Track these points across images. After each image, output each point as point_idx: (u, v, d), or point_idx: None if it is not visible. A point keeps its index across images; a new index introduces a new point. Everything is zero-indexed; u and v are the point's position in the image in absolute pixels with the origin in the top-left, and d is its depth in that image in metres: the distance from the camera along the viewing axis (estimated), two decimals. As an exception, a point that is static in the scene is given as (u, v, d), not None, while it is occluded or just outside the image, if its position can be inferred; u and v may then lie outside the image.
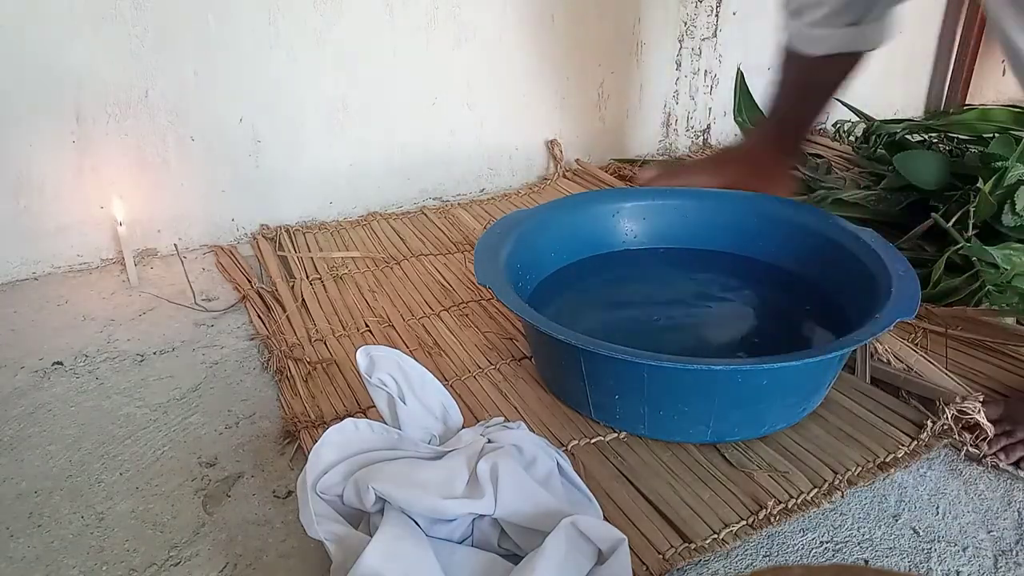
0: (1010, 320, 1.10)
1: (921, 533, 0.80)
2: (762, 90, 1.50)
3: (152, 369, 1.06)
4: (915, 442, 0.89)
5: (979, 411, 0.88)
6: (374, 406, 0.82)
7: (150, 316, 1.18)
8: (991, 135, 1.51)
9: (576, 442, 0.90)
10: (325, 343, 1.10)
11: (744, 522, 0.79)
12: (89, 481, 0.86)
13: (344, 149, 1.46)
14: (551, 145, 1.67)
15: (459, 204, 1.55)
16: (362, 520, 0.74)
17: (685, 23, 1.73)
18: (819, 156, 1.69)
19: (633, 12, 1.66)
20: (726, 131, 1.90)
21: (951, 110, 1.84)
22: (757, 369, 0.82)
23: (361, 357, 0.79)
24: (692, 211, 1.18)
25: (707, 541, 0.77)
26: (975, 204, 1.24)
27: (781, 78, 1.15)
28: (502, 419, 0.85)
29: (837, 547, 0.78)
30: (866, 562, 0.77)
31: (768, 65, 1.84)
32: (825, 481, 0.84)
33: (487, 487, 0.70)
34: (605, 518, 0.77)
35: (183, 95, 1.29)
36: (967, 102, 2.10)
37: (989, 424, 0.88)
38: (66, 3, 1.16)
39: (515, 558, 0.71)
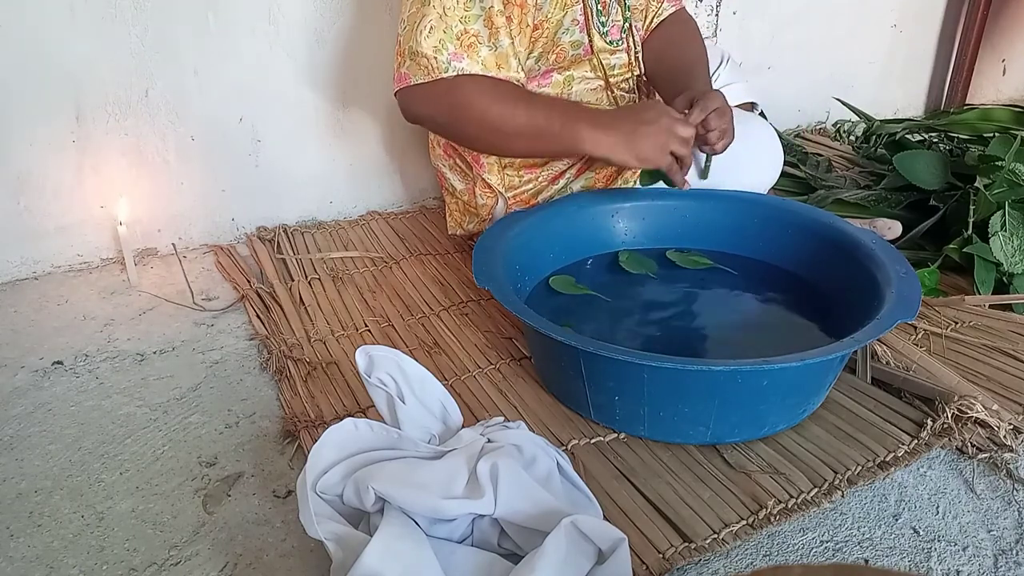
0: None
1: (921, 532, 0.80)
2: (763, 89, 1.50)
3: (152, 369, 1.06)
4: (915, 441, 0.89)
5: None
6: (374, 406, 0.82)
7: (150, 316, 1.18)
8: (991, 135, 1.51)
9: (576, 442, 0.90)
10: (324, 343, 1.10)
11: (744, 522, 0.79)
12: (89, 481, 0.86)
13: (344, 149, 1.46)
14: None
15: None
16: (362, 520, 0.74)
17: (685, 23, 1.73)
18: (819, 155, 1.70)
19: (633, 12, 1.66)
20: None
21: (951, 110, 1.84)
22: (757, 370, 0.82)
23: (360, 357, 0.79)
24: (691, 211, 1.18)
25: (707, 541, 0.77)
26: (975, 204, 1.25)
27: None
28: (502, 419, 0.85)
29: (837, 546, 0.78)
30: (866, 562, 0.77)
31: (768, 64, 1.86)
32: (825, 481, 0.84)
33: (487, 487, 0.70)
34: (605, 518, 0.77)
35: (183, 95, 1.29)
36: (967, 102, 2.10)
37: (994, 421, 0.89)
38: (66, 3, 1.16)
39: (515, 558, 0.71)
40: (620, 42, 1.18)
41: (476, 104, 1.00)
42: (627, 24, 1.18)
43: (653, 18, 1.27)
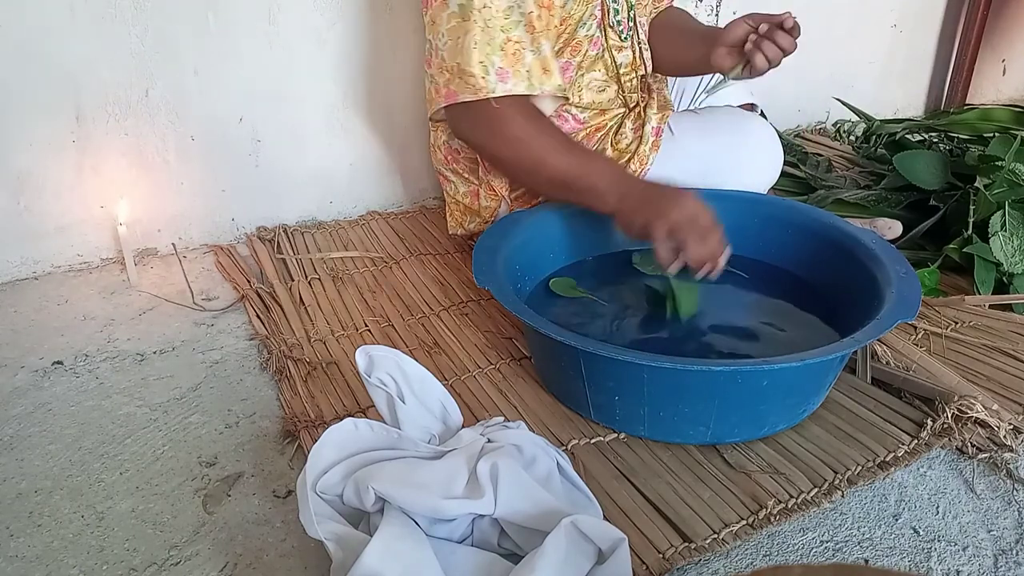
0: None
1: (921, 532, 0.80)
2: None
3: (152, 369, 1.06)
4: (915, 441, 0.89)
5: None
6: (374, 406, 0.82)
7: (150, 316, 1.18)
8: (991, 135, 1.51)
9: (576, 442, 0.90)
10: (324, 343, 1.10)
11: (744, 522, 0.79)
12: (89, 480, 0.86)
13: (344, 149, 1.46)
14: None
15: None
16: (362, 520, 0.74)
17: (685, 23, 1.73)
18: (819, 155, 1.70)
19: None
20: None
21: (951, 110, 1.84)
22: (758, 370, 0.82)
23: (360, 357, 0.79)
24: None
25: (707, 541, 0.77)
26: (975, 204, 1.25)
27: None
28: (502, 419, 0.85)
29: (837, 546, 0.78)
30: (866, 561, 0.77)
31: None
32: (825, 481, 0.84)
33: (487, 487, 0.70)
34: (605, 518, 0.77)
35: (183, 95, 1.29)
36: (967, 102, 2.10)
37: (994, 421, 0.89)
38: (66, 3, 1.16)
39: (515, 558, 0.71)
40: (628, 37, 1.18)
41: (516, 142, 1.04)
42: (632, 13, 1.18)
43: (652, 11, 1.28)
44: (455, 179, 1.23)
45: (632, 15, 1.19)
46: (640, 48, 1.22)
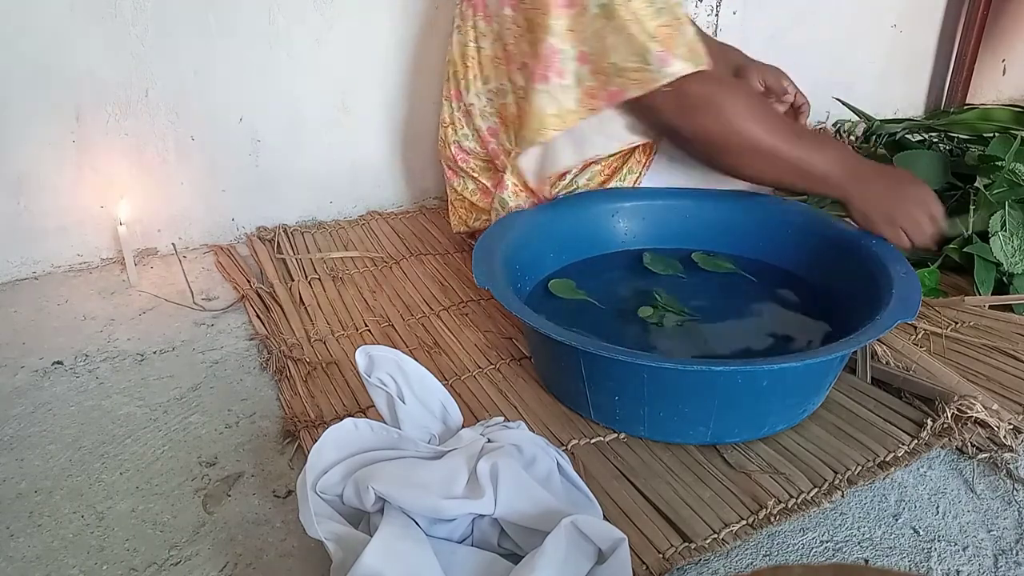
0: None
1: (921, 532, 0.80)
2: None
3: (152, 369, 1.06)
4: (915, 441, 0.89)
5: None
6: (374, 406, 0.82)
7: (150, 316, 1.18)
8: (991, 135, 1.51)
9: (576, 442, 0.90)
10: (324, 343, 1.10)
11: (744, 522, 0.79)
12: (89, 480, 0.86)
13: (344, 149, 1.46)
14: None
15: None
16: (362, 520, 0.74)
17: (685, 23, 1.73)
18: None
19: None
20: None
21: (951, 110, 1.84)
22: (758, 371, 0.82)
23: (360, 357, 0.79)
24: (691, 211, 1.18)
25: (707, 541, 0.77)
26: (975, 204, 1.25)
27: None
28: (502, 419, 0.85)
29: (837, 546, 0.78)
30: (866, 561, 0.77)
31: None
32: (825, 481, 0.84)
33: (487, 487, 0.70)
34: (605, 518, 0.77)
35: (183, 95, 1.29)
36: (967, 102, 2.10)
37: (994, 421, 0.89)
38: (66, 3, 1.16)
39: (515, 558, 0.71)
40: None
41: (744, 131, 1.01)
42: None
43: None
44: (464, 176, 1.23)
45: None
46: None
